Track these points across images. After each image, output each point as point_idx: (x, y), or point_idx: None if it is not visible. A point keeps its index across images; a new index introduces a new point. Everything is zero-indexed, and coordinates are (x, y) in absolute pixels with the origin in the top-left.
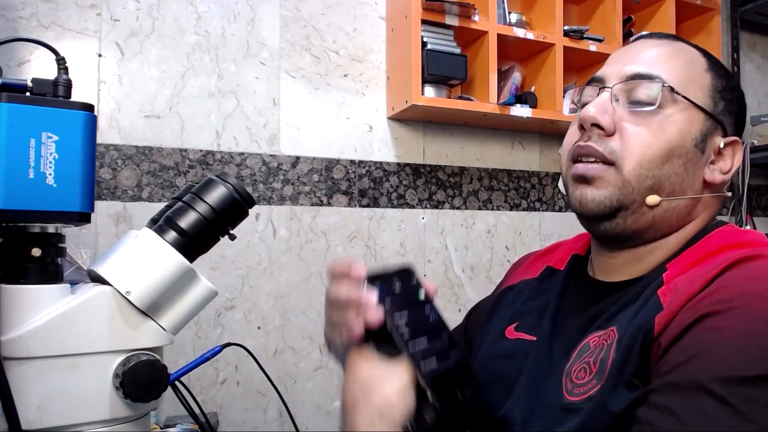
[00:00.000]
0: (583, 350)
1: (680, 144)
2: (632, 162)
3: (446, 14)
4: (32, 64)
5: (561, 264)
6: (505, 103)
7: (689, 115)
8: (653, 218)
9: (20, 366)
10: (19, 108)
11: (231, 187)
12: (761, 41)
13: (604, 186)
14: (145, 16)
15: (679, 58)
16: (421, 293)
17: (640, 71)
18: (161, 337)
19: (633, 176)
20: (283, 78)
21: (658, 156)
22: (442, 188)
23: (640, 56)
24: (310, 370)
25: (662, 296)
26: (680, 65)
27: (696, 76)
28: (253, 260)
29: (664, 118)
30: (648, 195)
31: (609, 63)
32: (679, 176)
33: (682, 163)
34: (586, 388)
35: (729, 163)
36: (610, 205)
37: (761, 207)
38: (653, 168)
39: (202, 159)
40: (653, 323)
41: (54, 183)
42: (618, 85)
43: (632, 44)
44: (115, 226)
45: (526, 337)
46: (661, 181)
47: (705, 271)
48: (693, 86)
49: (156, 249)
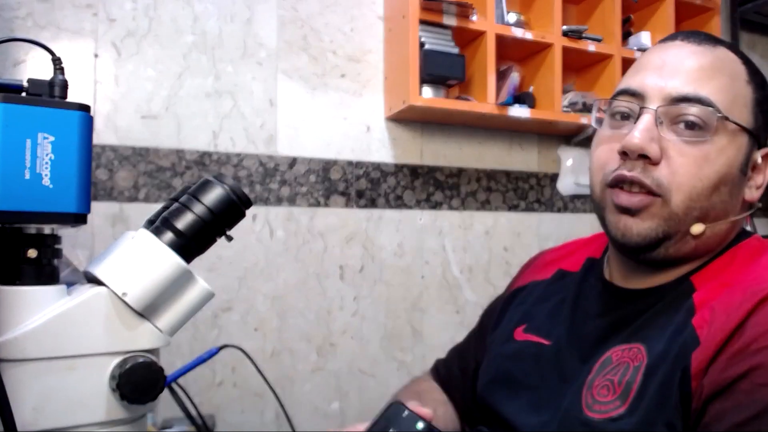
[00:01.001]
0: (605, 363)
1: (728, 172)
2: (681, 195)
3: (444, 14)
4: (28, 65)
5: (574, 266)
6: (503, 104)
7: (736, 139)
8: (696, 245)
9: (16, 368)
10: (14, 108)
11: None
12: (761, 41)
13: (650, 218)
14: (142, 17)
15: (723, 72)
16: (418, 424)
17: (688, 93)
18: (158, 338)
19: (681, 209)
20: (281, 78)
21: (707, 188)
22: (440, 189)
23: (682, 69)
24: (308, 371)
25: (698, 328)
26: (726, 82)
27: (740, 92)
28: (250, 261)
29: (714, 146)
30: (693, 224)
31: (644, 70)
32: (725, 203)
33: (728, 190)
34: (608, 408)
35: (762, 177)
36: (655, 237)
37: (761, 207)
38: (702, 200)
39: (199, 160)
40: (690, 360)
41: (50, 184)
42: (663, 108)
43: (669, 48)
44: (112, 227)
45: (537, 340)
46: (708, 210)
47: (738, 303)
48: (739, 106)
49: (152, 250)
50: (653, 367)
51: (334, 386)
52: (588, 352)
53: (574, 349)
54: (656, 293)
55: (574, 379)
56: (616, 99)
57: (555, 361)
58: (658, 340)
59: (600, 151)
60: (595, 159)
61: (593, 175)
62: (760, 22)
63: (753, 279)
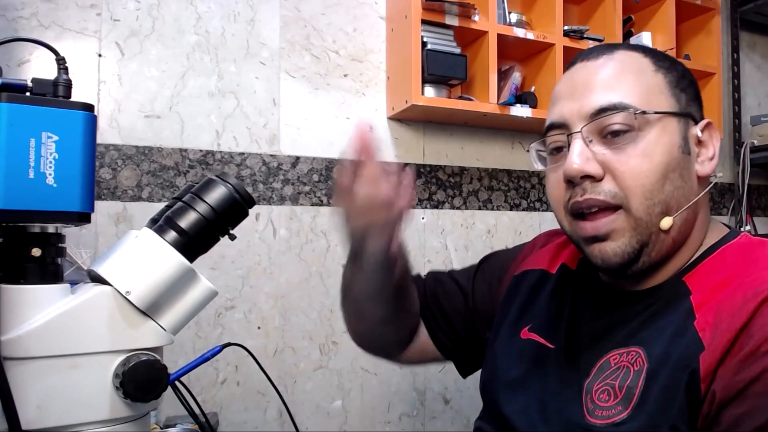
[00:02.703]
0: (603, 368)
1: (670, 158)
2: (637, 197)
3: (446, 14)
4: (32, 64)
5: (573, 263)
6: (505, 103)
7: (665, 126)
8: (673, 239)
9: (20, 366)
10: (19, 108)
11: (231, 187)
12: (761, 41)
13: (619, 236)
14: (145, 16)
15: (628, 72)
16: None
17: (602, 104)
18: (161, 337)
19: (642, 211)
20: (283, 78)
21: (656, 180)
22: (442, 188)
23: (591, 85)
24: (310, 370)
25: (701, 331)
26: (633, 79)
27: (651, 82)
28: (253, 260)
29: (646, 140)
30: (660, 221)
31: (560, 100)
32: (680, 188)
33: (678, 174)
34: (610, 413)
35: (711, 148)
36: (632, 251)
37: (761, 207)
38: (657, 194)
39: (202, 159)
40: (698, 363)
41: (54, 183)
42: (586, 127)
43: (573, 72)
44: (115, 226)
45: (541, 341)
46: (668, 201)
47: (740, 304)
48: (655, 95)
49: (156, 249)
50: (654, 371)
51: (337, 384)
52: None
53: (573, 353)
54: (650, 295)
55: (572, 383)
56: (548, 137)
57: (556, 365)
58: (656, 343)
59: (552, 187)
60: (550, 196)
61: (556, 211)
62: (760, 22)
63: (753, 279)
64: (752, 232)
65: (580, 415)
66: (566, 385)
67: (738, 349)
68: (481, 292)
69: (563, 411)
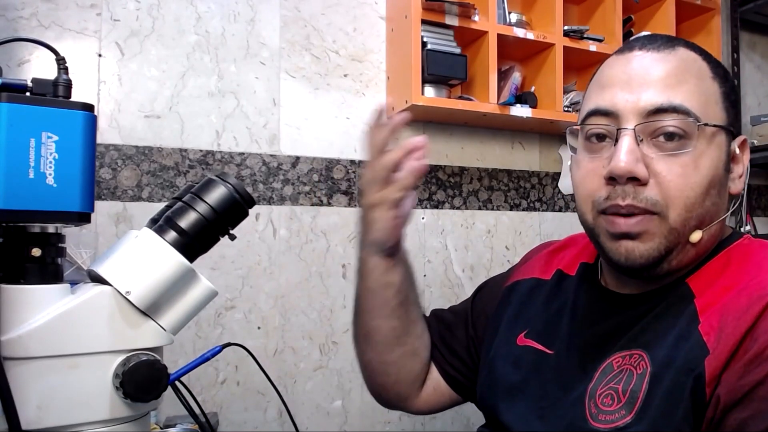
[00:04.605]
0: (606, 371)
1: (715, 174)
2: (677, 209)
3: (446, 14)
4: (32, 64)
5: (571, 269)
6: (505, 103)
7: (716, 139)
8: (696, 252)
9: (20, 366)
10: (19, 108)
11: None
12: (761, 41)
13: (650, 239)
14: (145, 16)
15: (690, 74)
16: None
17: (662, 104)
18: (161, 337)
19: (679, 222)
20: (283, 78)
21: (700, 195)
22: (442, 188)
23: (650, 80)
24: (310, 370)
25: (705, 335)
26: (694, 84)
27: (709, 91)
28: (253, 260)
29: (698, 153)
30: (692, 233)
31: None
32: (716, 204)
33: (717, 191)
34: (614, 417)
35: (742, 166)
36: (658, 255)
37: (761, 207)
38: (696, 208)
39: (202, 159)
40: (703, 368)
41: (54, 183)
42: (640, 126)
43: (630, 59)
44: (115, 226)
45: (538, 347)
46: (703, 216)
47: (745, 308)
48: (711, 105)
49: (156, 249)
50: (658, 374)
51: (337, 384)
52: (587, 360)
53: (574, 358)
54: (653, 298)
55: (574, 388)
56: (589, 121)
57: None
58: (660, 346)
59: (583, 178)
60: (580, 187)
61: (581, 203)
62: (760, 22)
63: (757, 283)
64: (752, 232)
65: (583, 419)
66: (568, 389)
67: (743, 353)
68: (479, 316)
69: (565, 416)
